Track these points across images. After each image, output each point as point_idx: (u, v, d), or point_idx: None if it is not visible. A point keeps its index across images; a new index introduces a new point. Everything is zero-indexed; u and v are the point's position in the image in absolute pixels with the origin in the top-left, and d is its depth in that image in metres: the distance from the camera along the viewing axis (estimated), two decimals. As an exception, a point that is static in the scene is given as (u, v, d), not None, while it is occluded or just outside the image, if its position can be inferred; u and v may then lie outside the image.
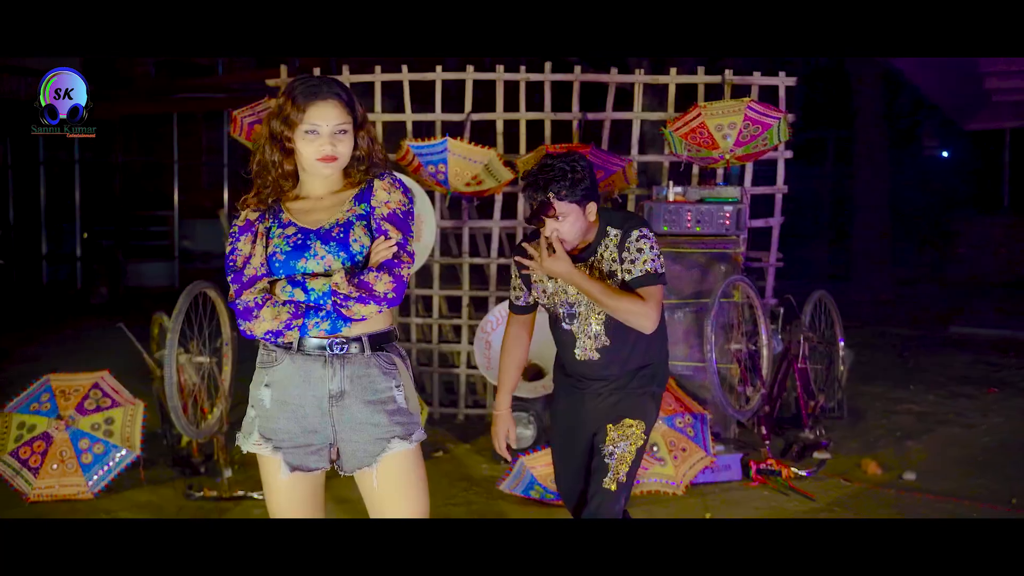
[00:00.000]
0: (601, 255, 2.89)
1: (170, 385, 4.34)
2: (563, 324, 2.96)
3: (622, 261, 2.84)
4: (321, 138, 2.31)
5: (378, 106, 5.89)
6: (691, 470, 4.66)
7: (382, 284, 2.28)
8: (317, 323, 2.30)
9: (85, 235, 14.26)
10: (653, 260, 2.83)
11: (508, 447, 3.11)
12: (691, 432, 4.73)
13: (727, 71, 5.56)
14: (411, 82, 5.83)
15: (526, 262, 2.88)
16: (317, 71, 5.94)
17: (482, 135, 5.76)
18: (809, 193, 18.41)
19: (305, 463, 2.37)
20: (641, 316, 2.79)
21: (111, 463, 4.57)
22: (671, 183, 5.36)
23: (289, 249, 2.32)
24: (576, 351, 2.95)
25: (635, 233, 2.85)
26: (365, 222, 2.36)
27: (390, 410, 2.37)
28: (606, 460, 2.89)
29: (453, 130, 5.66)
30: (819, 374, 5.70)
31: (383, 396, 2.37)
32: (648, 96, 8.24)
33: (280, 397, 2.35)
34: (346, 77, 5.84)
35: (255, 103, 5.46)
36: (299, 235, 2.33)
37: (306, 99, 2.30)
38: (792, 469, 4.80)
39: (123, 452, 4.60)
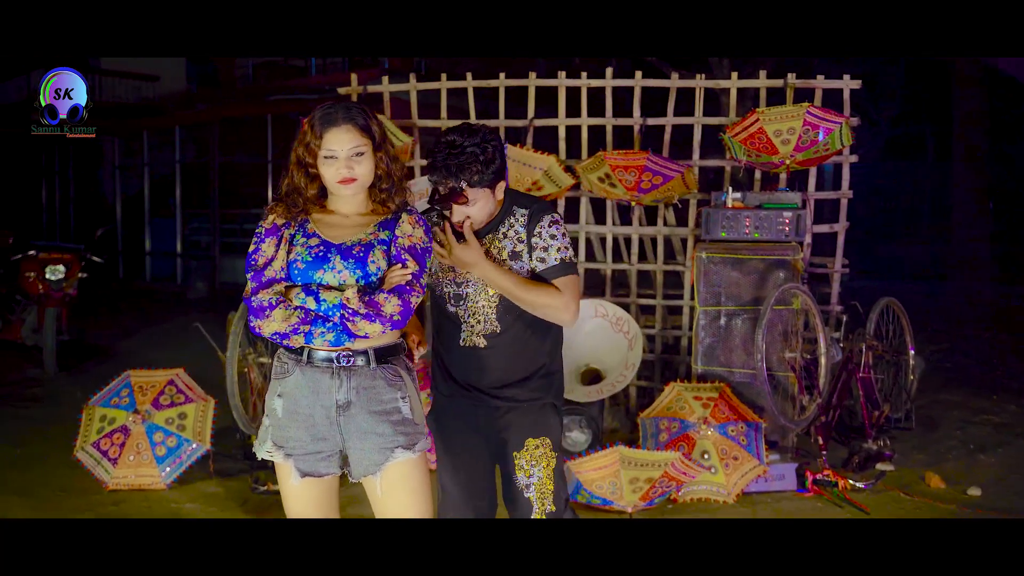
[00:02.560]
0: (504, 233, 2.69)
1: (231, 383, 4.57)
2: (448, 307, 2.74)
3: (532, 247, 2.66)
4: (339, 161, 2.43)
5: (444, 112, 6.02)
6: (743, 479, 4.64)
7: (390, 306, 2.38)
8: (323, 333, 2.39)
9: (185, 232, 14.93)
10: (566, 249, 2.66)
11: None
12: (744, 440, 4.70)
13: (789, 75, 5.42)
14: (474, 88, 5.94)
15: (437, 249, 2.64)
16: (386, 79, 6.11)
17: (548, 142, 5.84)
18: (906, 190, 17.77)
19: (315, 469, 2.50)
20: (561, 309, 2.62)
21: (183, 456, 4.84)
22: (731, 189, 5.30)
23: (310, 259, 2.43)
24: (461, 336, 2.73)
25: (546, 219, 2.67)
26: (385, 247, 2.47)
27: (394, 420, 2.48)
28: (526, 495, 2.71)
29: (515, 135, 5.73)
30: (885, 383, 5.56)
31: (388, 407, 2.48)
32: (727, 97, 8.16)
33: (291, 407, 2.49)
34: (413, 85, 6.00)
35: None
36: (321, 247, 2.45)
37: (323, 126, 2.43)
38: (849, 480, 4.71)
39: (194, 446, 4.86)
